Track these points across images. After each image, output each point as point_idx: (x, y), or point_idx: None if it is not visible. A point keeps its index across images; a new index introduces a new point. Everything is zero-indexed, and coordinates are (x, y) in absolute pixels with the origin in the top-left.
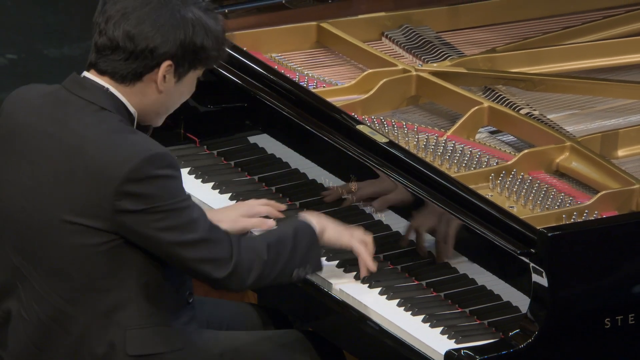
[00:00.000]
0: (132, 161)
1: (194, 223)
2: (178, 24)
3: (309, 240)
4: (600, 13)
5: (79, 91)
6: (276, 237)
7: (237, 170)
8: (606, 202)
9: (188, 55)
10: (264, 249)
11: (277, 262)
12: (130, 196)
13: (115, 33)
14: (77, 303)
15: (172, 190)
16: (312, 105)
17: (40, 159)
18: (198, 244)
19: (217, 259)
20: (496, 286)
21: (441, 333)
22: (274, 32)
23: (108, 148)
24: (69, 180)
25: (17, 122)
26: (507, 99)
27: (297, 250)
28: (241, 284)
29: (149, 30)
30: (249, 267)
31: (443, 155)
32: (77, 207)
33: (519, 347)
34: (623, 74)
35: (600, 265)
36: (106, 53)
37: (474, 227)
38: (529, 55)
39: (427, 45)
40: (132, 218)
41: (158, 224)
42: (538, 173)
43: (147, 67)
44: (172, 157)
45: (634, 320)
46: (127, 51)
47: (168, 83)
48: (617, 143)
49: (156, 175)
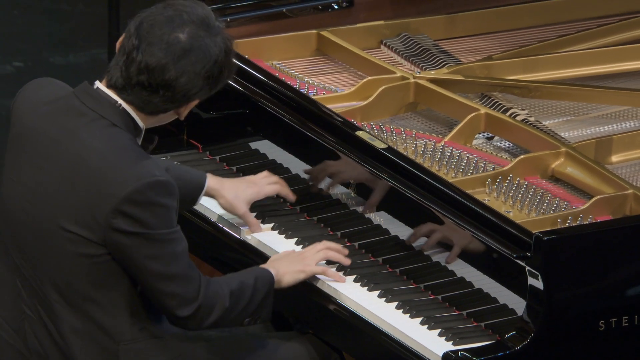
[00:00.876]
0: (136, 183)
1: (177, 257)
2: (211, 69)
3: (266, 290)
4: (594, 22)
5: (91, 103)
6: (238, 285)
7: (239, 175)
8: (600, 206)
9: (212, 85)
10: (227, 296)
11: (235, 309)
12: (126, 217)
13: (157, 79)
14: (73, 309)
15: (166, 220)
16: (313, 111)
17: (45, 164)
18: (173, 279)
19: (184, 297)
20: (493, 289)
21: (439, 335)
22: (275, 40)
23: (114, 165)
24: (71, 189)
25: (26, 125)
26: (504, 106)
27: (253, 301)
28: (198, 325)
29: (187, 82)
30: (210, 312)
31: (441, 160)
32: (74, 216)
33: (515, 348)
34: (617, 81)
35: (594, 269)
36: (136, 89)
37: (471, 231)
38: (524, 62)
39: (425, 53)
40: (123, 239)
41: (145, 251)
42: (534, 178)
43: (178, 106)
44: (174, 187)
45: (628, 323)
46: (165, 95)
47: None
48: (611, 149)
49: (156, 202)
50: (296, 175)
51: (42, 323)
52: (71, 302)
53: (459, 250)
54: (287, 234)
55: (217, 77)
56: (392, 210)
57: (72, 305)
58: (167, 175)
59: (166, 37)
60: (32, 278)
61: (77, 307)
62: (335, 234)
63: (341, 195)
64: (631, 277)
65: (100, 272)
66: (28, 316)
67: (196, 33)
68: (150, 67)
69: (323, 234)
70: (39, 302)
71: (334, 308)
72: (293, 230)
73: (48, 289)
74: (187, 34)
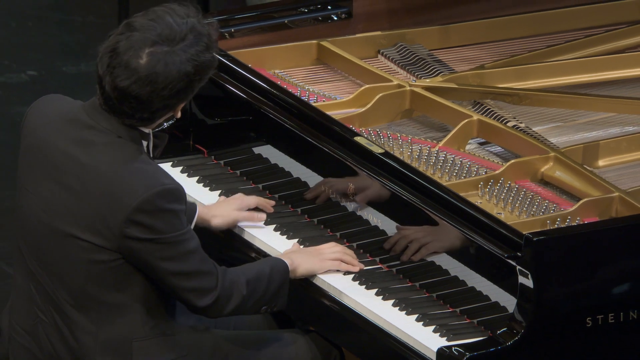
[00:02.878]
0: (146, 193)
1: (190, 255)
2: (178, 76)
3: (283, 278)
4: (581, 32)
5: (97, 117)
6: (255, 274)
7: (243, 179)
8: (588, 208)
9: (192, 87)
10: (244, 284)
11: (252, 297)
12: (139, 225)
13: (127, 108)
14: (86, 312)
15: (176, 224)
16: (313, 118)
17: (57, 176)
18: (190, 275)
19: (203, 289)
20: (485, 287)
21: (433, 331)
22: (277, 50)
23: (123, 176)
24: (82, 200)
25: (39, 137)
26: (495, 113)
27: (269, 289)
28: (219, 313)
29: (160, 99)
30: (228, 300)
31: (435, 165)
32: (87, 226)
33: (506, 344)
34: (603, 89)
35: (582, 268)
36: (123, 117)
37: (464, 232)
38: (515, 71)
39: (420, 62)
40: (137, 245)
41: (160, 254)
42: (524, 182)
43: (163, 115)
44: (181, 192)
45: (614, 319)
46: (145, 118)
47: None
48: (598, 154)
49: (166, 209)
50: (297, 178)
51: (56, 327)
52: (85, 306)
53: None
54: (289, 235)
55: (190, 84)
56: (389, 212)
57: (86, 309)
58: (174, 181)
59: (129, 63)
60: (47, 284)
61: (91, 310)
62: (334, 235)
63: (340, 197)
64: (617, 276)
65: (112, 276)
66: (42, 320)
67: (155, 54)
68: (122, 91)
69: (323, 234)
70: (53, 306)
71: (334, 306)
72: (295, 231)
73: (62, 294)
74: (147, 57)
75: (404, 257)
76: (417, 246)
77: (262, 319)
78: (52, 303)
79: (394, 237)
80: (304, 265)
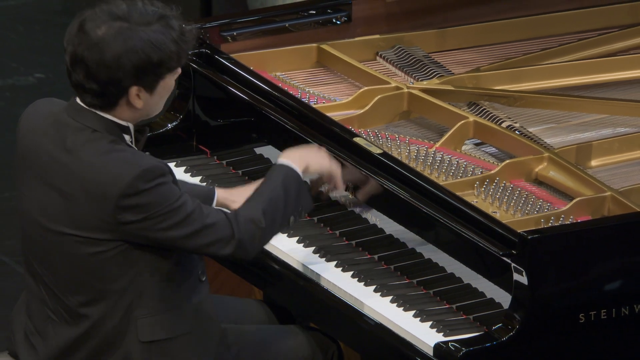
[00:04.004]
0: (125, 179)
1: (192, 216)
2: (129, 53)
3: (297, 187)
4: (575, 36)
5: (75, 116)
6: (268, 198)
7: (245, 178)
8: (581, 207)
9: (149, 73)
10: (260, 216)
11: (274, 222)
12: (129, 209)
13: (80, 76)
14: (93, 305)
15: (166, 195)
16: (313, 119)
17: (48, 179)
18: (200, 232)
19: (220, 239)
20: (481, 284)
21: (431, 327)
22: (278, 52)
23: (101, 169)
24: (73, 201)
25: (28, 143)
26: (491, 114)
27: (288, 203)
28: (247, 254)
29: (107, 70)
30: (251, 239)
31: (432, 165)
32: (84, 224)
33: (501, 339)
34: (596, 91)
35: (575, 266)
36: (80, 91)
37: (460, 231)
38: (510, 74)
39: (417, 64)
40: (136, 226)
41: (161, 225)
42: (519, 181)
43: (118, 97)
44: (161, 167)
45: (606, 316)
46: (95, 90)
47: (144, 99)
48: (591, 154)
49: (149, 187)
50: None
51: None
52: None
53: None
54: (289, 233)
55: (146, 69)
56: (387, 211)
57: (93, 302)
58: (153, 160)
59: (88, 32)
60: (53, 284)
61: (98, 302)
62: (334, 233)
63: (339, 197)
64: (609, 273)
65: (116, 263)
66: (52, 320)
67: (114, 27)
68: (72, 54)
69: (322, 232)
70: (62, 306)
71: (333, 302)
72: (295, 229)
73: (69, 291)
74: (105, 28)
75: None
76: None
77: (264, 314)
78: (60, 303)
79: None
80: (313, 163)
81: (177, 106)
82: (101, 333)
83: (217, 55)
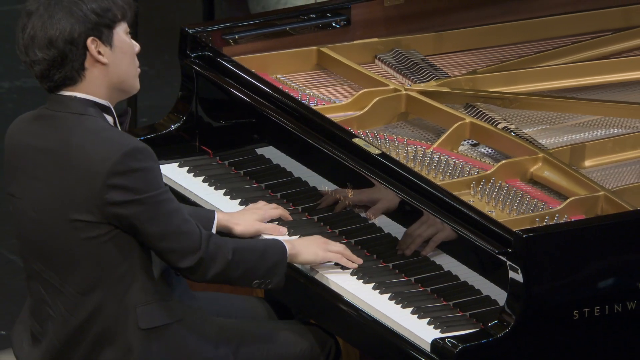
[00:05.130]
0: (114, 156)
1: (171, 215)
2: (70, 8)
3: (278, 257)
4: (569, 39)
5: (56, 107)
6: (245, 245)
7: (246, 178)
8: (575, 207)
9: (98, 23)
10: (229, 250)
11: (239, 266)
12: (117, 188)
13: (39, 55)
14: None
15: (153, 182)
16: (313, 120)
17: (38, 173)
18: (171, 235)
19: (184, 250)
20: (477, 282)
21: (428, 323)
22: (279, 55)
23: (90, 148)
24: (64, 184)
25: (15, 145)
26: (487, 115)
27: (263, 263)
28: (203, 276)
29: (55, 31)
30: (212, 263)
31: (430, 165)
32: (76, 207)
33: (497, 336)
34: (589, 93)
35: (569, 264)
36: (48, 74)
37: (457, 229)
38: (506, 76)
39: (415, 67)
40: (121, 210)
41: (143, 215)
42: (514, 181)
43: (79, 56)
44: (150, 150)
45: (600, 312)
46: (57, 59)
47: (106, 54)
48: (584, 154)
49: (137, 167)
50: (298, 178)
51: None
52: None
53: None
54: (290, 232)
55: (92, 12)
56: (386, 211)
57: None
58: (139, 141)
59: (26, 22)
60: (52, 278)
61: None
62: (333, 232)
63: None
64: (602, 271)
65: (111, 250)
66: (51, 317)
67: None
68: (27, 48)
69: (322, 231)
70: (61, 300)
71: (332, 299)
72: (295, 228)
73: (67, 282)
74: (33, 8)
75: (417, 250)
76: (425, 240)
77: (264, 311)
78: (60, 297)
79: (405, 240)
80: (306, 253)
81: (180, 108)
82: (101, 322)
83: (219, 58)
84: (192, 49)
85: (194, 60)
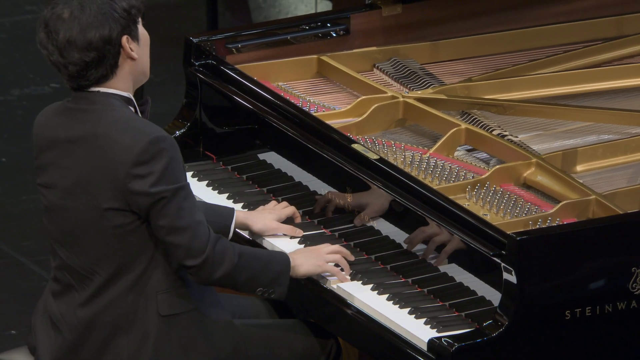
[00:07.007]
0: (139, 145)
1: (185, 211)
2: (104, 9)
3: (282, 268)
4: (561, 48)
5: (81, 103)
6: (252, 252)
7: (249, 183)
8: (567, 210)
9: (128, 20)
10: (236, 254)
11: (244, 271)
12: (138, 177)
13: (77, 56)
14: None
15: (175, 173)
16: (314, 127)
17: (67, 163)
18: (181, 231)
19: (192, 248)
20: (472, 283)
21: (425, 323)
22: (280, 64)
23: (117, 137)
24: (93, 173)
25: (44, 138)
26: (482, 122)
27: (267, 272)
28: (208, 276)
29: (95, 33)
30: (219, 264)
31: (426, 170)
32: (102, 193)
33: (491, 335)
34: (581, 100)
35: (561, 265)
36: (85, 74)
37: (453, 232)
38: (500, 84)
39: (412, 75)
40: (141, 199)
41: (157, 205)
42: (508, 185)
43: (115, 54)
44: (173, 139)
45: (591, 313)
46: (95, 60)
47: (135, 49)
48: (576, 160)
49: (161, 155)
50: (299, 182)
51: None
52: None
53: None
54: None
55: (123, 10)
56: (384, 214)
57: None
58: (164, 130)
59: (59, 24)
60: (80, 266)
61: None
62: (333, 234)
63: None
64: (593, 272)
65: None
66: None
67: (72, 5)
68: (64, 51)
69: (322, 234)
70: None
71: (332, 300)
72: None
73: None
74: (67, 9)
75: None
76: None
77: (265, 310)
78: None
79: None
80: (305, 266)
81: (185, 114)
82: (121, 308)
83: (222, 66)
84: (197, 58)
85: (198, 68)
